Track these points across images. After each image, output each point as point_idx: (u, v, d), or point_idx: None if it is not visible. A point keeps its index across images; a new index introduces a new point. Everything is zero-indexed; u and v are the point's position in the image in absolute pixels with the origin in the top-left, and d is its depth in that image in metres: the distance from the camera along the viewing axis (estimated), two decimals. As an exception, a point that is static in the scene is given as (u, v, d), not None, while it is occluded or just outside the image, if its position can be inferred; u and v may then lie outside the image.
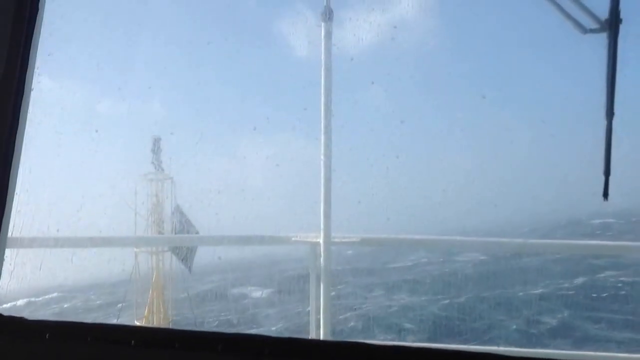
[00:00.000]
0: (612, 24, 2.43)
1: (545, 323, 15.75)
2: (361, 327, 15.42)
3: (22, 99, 1.73)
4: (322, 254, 4.43)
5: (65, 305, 18.28)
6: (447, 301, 17.32)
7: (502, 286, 18.23)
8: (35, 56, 1.78)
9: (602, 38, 2.40)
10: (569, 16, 2.41)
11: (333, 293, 4.58)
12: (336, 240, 4.52)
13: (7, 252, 1.84)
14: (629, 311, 15.89)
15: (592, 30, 2.48)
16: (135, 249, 7.55)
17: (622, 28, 2.39)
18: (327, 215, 4.51)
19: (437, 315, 16.45)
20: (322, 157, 4.46)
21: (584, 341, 14.27)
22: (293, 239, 4.57)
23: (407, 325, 15.95)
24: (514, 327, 15.71)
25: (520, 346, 11.30)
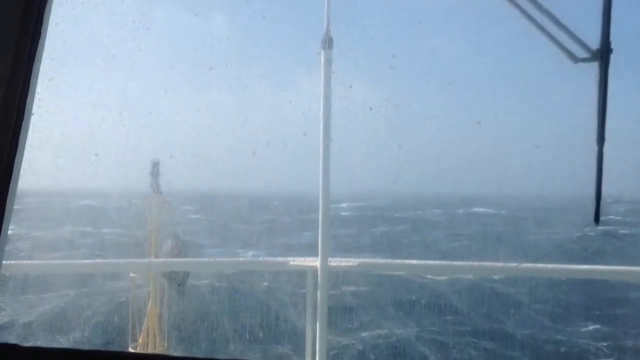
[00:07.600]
0: (603, 54, 2.50)
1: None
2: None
3: (22, 123, 1.68)
4: (319, 280, 4.44)
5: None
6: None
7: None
8: (37, 81, 1.75)
9: (594, 67, 2.47)
10: (561, 46, 2.48)
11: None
12: (333, 264, 4.53)
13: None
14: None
15: (583, 60, 2.55)
16: (131, 273, 7.48)
17: (613, 57, 2.46)
18: (325, 239, 4.53)
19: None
20: (320, 181, 4.50)
21: None
22: (291, 262, 4.59)
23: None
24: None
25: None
